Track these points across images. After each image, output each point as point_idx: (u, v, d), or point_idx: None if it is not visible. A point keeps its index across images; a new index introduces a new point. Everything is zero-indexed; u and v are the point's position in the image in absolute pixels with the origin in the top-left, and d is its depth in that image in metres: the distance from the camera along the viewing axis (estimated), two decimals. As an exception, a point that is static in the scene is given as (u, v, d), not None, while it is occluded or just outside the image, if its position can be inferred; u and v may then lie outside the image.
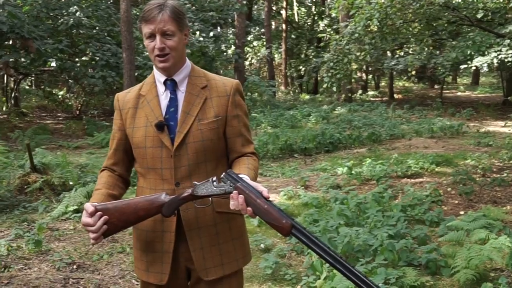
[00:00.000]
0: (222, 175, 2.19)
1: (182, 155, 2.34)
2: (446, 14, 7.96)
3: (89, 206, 2.20)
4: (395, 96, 28.20)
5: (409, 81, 35.79)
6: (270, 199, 2.15)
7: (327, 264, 4.73)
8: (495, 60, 9.65)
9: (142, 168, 2.44)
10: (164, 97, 2.42)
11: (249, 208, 2.11)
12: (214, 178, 2.20)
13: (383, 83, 35.11)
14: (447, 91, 29.31)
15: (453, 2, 7.01)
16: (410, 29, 7.54)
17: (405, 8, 7.06)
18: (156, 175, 2.37)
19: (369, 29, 7.38)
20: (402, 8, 6.97)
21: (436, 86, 31.14)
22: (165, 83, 2.42)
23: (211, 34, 19.46)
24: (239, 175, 2.18)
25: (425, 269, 5.03)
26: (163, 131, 2.35)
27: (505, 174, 8.70)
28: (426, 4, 7.16)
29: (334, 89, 8.40)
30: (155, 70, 2.47)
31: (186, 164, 2.35)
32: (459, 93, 29.66)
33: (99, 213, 2.20)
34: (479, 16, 6.91)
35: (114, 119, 2.53)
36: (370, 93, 29.85)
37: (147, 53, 17.29)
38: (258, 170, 2.46)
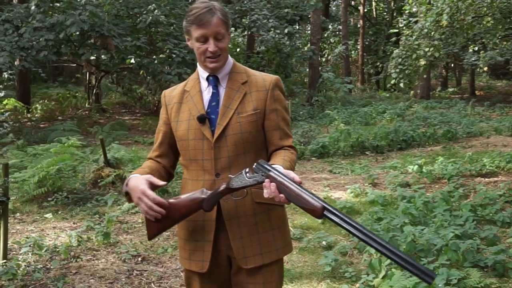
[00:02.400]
0: (254, 166, 2.26)
1: (222, 147, 2.43)
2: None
3: (150, 193, 2.30)
4: (477, 93, 27.30)
5: (492, 77, 34.51)
6: (301, 184, 2.19)
7: (386, 263, 4.67)
8: None
9: (185, 160, 2.54)
10: (207, 92, 2.52)
11: (281, 195, 2.16)
12: (247, 170, 2.27)
13: (464, 80, 34.02)
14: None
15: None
16: (483, 23, 7.28)
17: (477, 3, 6.82)
18: (197, 166, 2.47)
19: (439, 25, 7.19)
20: (473, 3, 6.74)
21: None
22: (207, 79, 2.51)
23: (286, 31, 19.48)
24: (272, 165, 2.25)
25: (492, 271, 4.86)
26: (205, 124, 2.44)
27: None
28: (502, -3, 6.90)
29: (402, 85, 8.19)
30: (199, 67, 2.56)
31: (226, 156, 2.43)
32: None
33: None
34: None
35: (161, 114, 2.64)
36: (450, 89, 29.04)
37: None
38: (295, 163, 2.50)
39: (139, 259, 5.59)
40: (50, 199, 7.63)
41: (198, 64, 2.55)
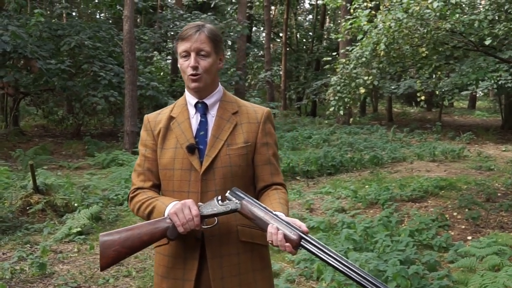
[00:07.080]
0: (227, 194, 2.20)
1: (209, 180, 2.31)
2: (452, 39, 7.99)
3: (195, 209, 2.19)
4: (393, 119, 28.23)
5: (406, 104, 35.91)
6: (308, 233, 2.17)
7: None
8: (494, 85, 9.67)
9: (167, 190, 2.40)
10: (195, 120, 2.41)
11: (287, 244, 2.10)
12: (219, 197, 2.20)
13: (379, 106, 35.16)
14: (445, 114, 29.35)
15: (460, 27, 7.04)
16: (418, 53, 7.57)
17: (412, 33, 7.08)
18: (181, 198, 2.30)
19: (375, 53, 7.40)
20: (409, 33, 7.00)
21: (433, 110, 31.24)
22: (196, 106, 2.41)
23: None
24: (274, 211, 2.19)
25: (437, 296, 4.98)
26: (194, 154, 2.33)
27: (512, 199, 8.65)
28: (433, 29, 7.19)
29: (341, 112, 8.32)
30: (186, 92, 2.46)
31: (213, 189, 2.31)
32: (456, 117, 29.71)
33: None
34: (487, 42, 6.92)
35: (144, 141, 2.48)
36: (368, 115, 29.89)
37: (148, 74, 17.13)
38: (288, 203, 2.42)
39: (80, 291, 5.36)
40: (-25, 228, 7.19)
41: (185, 89, 2.45)
